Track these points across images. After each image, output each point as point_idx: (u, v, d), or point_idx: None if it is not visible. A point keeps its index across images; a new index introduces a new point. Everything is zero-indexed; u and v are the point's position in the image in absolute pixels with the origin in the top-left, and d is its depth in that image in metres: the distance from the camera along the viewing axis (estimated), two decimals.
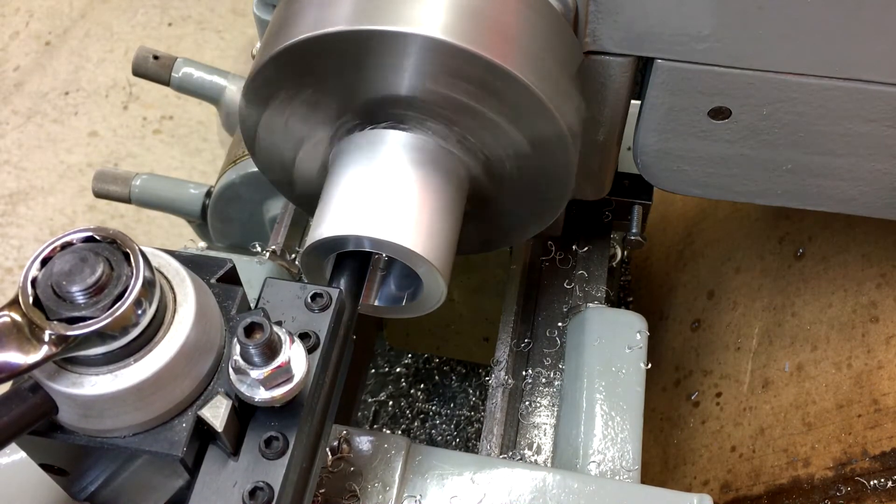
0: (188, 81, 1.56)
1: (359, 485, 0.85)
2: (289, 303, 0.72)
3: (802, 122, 0.93)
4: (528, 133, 0.84)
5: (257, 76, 0.84)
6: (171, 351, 0.63)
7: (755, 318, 1.34)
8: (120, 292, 0.60)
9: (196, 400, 0.66)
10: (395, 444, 0.88)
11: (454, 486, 0.87)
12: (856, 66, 0.86)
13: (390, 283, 0.95)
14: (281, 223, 1.24)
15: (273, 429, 0.66)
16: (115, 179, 1.55)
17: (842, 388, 1.15)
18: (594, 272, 1.20)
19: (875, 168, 0.97)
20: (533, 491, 0.87)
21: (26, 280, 0.60)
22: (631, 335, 1.05)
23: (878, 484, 1.05)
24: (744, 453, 1.24)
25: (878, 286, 1.17)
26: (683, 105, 0.93)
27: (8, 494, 0.81)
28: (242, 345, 0.62)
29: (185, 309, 0.64)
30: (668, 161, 1.01)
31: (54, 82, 2.76)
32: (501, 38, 0.79)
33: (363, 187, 0.84)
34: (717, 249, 1.51)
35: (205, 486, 0.65)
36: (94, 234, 0.62)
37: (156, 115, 2.66)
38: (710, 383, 1.36)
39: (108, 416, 0.63)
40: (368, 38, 0.77)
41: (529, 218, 0.97)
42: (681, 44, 0.87)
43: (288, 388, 0.64)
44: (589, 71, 0.92)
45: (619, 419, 0.99)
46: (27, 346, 0.58)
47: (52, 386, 0.62)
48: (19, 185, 2.54)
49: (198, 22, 2.89)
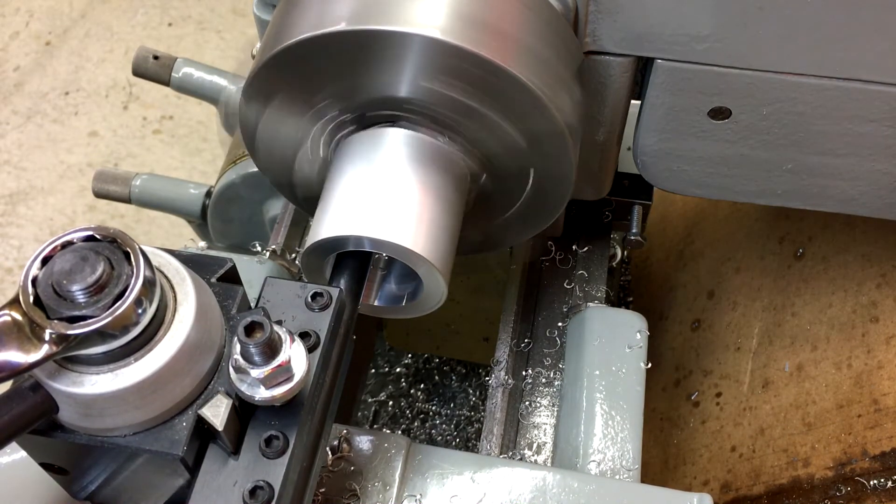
0: (188, 81, 1.56)
1: (359, 484, 0.85)
2: (289, 302, 0.72)
3: (802, 122, 0.93)
4: (528, 133, 0.84)
5: (257, 76, 0.84)
6: (172, 350, 0.63)
7: (755, 318, 1.34)
8: (120, 291, 0.60)
9: (196, 399, 0.66)
10: (396, 444, 0.88)
11: (454, 485, 0.87)
12: (856, 66, 0.86)
13: (390, 283, 0.95)
14: (281, 223, 1.24)
15: (273, 428, 0.66)
16: (115, 179, 1.55)
17: (842, 388, 1.15)
18: (594, 272, 1.20)
19: (875, 168, 0.97)
20: (533, 490, 0.87)
21: (27, 279, 0.60)
22: (631, 335, 1.05)
23: (878, 484, 1.05)
24: (744, 453, 1.24)
25: (878, 286, 1.17)
26: (683, 105, 0.93)
27: (8, 494, 0.81)
28: (243, 344, 0.62)
29: (185, 308, 0.65)
30: (668, 161, 1.01)
31: (54, 82, 2.76)
32: (501, 38, 0.79)
33: (363, 187, 0.84)
34: (717, 249, 1.51)
35: (205, 484, 0.65)
36: (95, 233, 0.62)
37: (156, 115, 2.67)
38: (710, 383, 1.36)
39: (109, 415, 0.63)
40: (368, 38, 0.77)
41: (529, 218, 0.97)
42: (681, 44, 0.87)
43: (288, 387, 0.64)
44: (589, 71, 0.91)
45: (620, 418, 0.99)
46: (28, 345, 0.58)
47: (53, 385, 0.62)
48: (19, 185, 2.54)
49: (198, 22, 2.89)
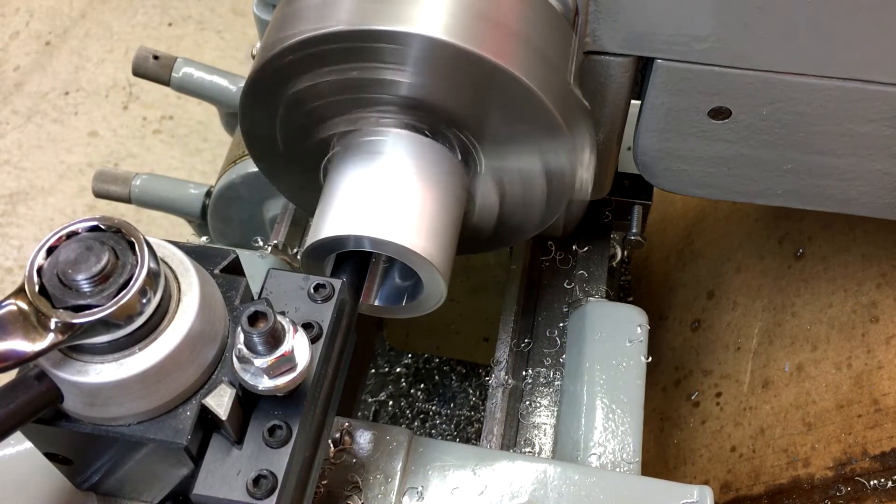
0: (188, 81, 1.55)
1: (361, 476, 0.86)
2: (292, 293, 0.72)
3: (802, 122, 0.93)
4: (527, 132, 0.84)
5: (257, 76, 0.84)
6: (176, 340, 0.63)
7: (755, 318, 1.34)
8: (125, 281, 0.60)
9: (200, 388, 0.66)
10: (397, 437, 0.88)
11: (456, 477, 0.87)
12: (856, 66, 0.86)
13: (390, 283, 0.95)
14: (281, 223, 1.24)
15: (276, 417, 0.66)
16: (115, 179, 1.55)
17: (842, 388, 1.15)
18: (594, 272, 1.20)
19: (875, 168, 0.97)
20: (534, 483, 0.87)
21: (32, 268, 0.60)
22: (631, 329, 1.06)
23: (878, 484, 1.05)
24: (744, 453, 1.24)
25: (878, 286, 1.18)
26: (683, 105, 0.93)
27: (13, 484, 0.81)
28: (246, 333, 0.62)
29: (189, 298, 0.65)
30: (668, 161, 1.01)
31: (54, 82, 2.76)
32: (501, 38, 0.79)
33: (363, 187, 0.84)
34: (717, 249, 1.51)
35: (209, 473, 0.65)
36: (100, 223, 0.62)
37: (156, 115, 2.67)
38: (710, 383, 1.36)
39: (113, 404, 0.63)
40: (369, 38, 0.77)
41: (530, 218, 0.97)
42: (681, 44, 0.87)
43: (291, 376, 0.64)
44: (589, 71, 0.92)
45: (620, 412, 1.00)
46: (33, 333, 0.59)
47: (58, 374, 0.62)
48: (19, 185, 2.54)
49: (198, 22, 2.89)
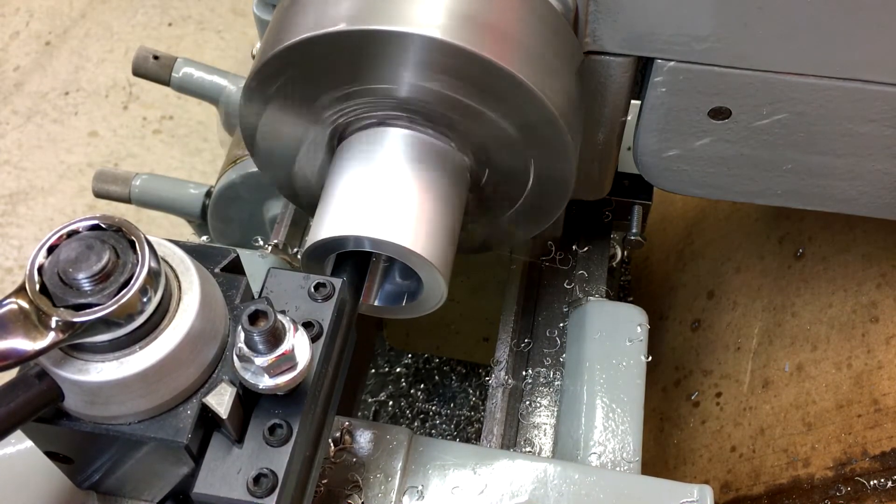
0: (188, 81, 1.55)
1: (361, 475, 0.86)
2: (292, 292, 0.72)
3: (802, 122, 0.93)
4: (528, 133, 0.84)
5: (257, 76, 0.84)
6: (176, 338, 0.63)
7: (755, 318, 1.34)
8: (126, 280, 0.60)
9: (201, 387, 0.66)
10: (398, 436, 0.88)
11: (456, 477, 0.87)
12: (856, 66, 0.86)
13: (390, 283, 0.95)
14: (281, 223, 1.24)
15: (277, 416, 0.66)
16: (115, 179, 1.55)
17: (842, 388, 1.15)
18: (594, 272, 1.20)
19: (875, 168, 0.97)
20: (534, 482, 0.87)
21: (33, 267, 0.60)
22: (631, 328, 1.06)
23: (878, 484, 1.05)
24: (744, 453, 1.24)
25: (878, 286, 1.18)
26: (683, 105, 0.93)
27: (13, 483, 0.81)
28: (247, 332, 0.62)
29: (189, 297, 0.65)
30: (668, 161, 1.01)
31: (54, 82, 2.76)
32: (501, 38, 0.79)
33: (363, 187, 0.84)
34: (717, 249, 1.51)
35: (209, 472, 0.65)
36: (100, 221, 0.62)
37: (156, 115, 2.67)
38: (710, 383, 1.36)
39: (114, 402, 0.63)
40: (368, 38, 0.77)
41: (530, 218, 0.97)
42: (681, 44, 0.87)
43: (292, 375, 0.64)
44: (589, 71, 0.92)
45: (620, 411, 1.00)
46: (34, 332, 0.59)
47: (59, 372, 0.62)
48: (19, 185, 2.54)
49: (198, 22, 2.89)
